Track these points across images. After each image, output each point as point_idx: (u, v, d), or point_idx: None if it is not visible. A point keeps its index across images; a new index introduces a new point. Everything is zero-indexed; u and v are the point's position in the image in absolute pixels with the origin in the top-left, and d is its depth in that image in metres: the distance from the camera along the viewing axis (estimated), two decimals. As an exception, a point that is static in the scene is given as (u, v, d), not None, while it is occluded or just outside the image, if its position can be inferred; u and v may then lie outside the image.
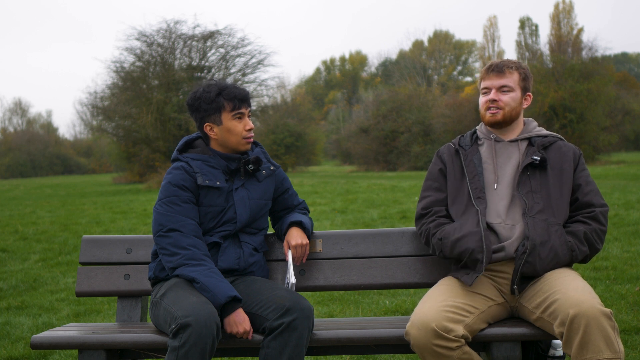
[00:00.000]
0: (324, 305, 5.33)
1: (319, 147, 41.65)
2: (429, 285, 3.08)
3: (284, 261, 3.18)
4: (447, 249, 2.83)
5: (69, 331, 2.89)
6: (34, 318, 5.28)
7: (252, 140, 3.02)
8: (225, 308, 2.70)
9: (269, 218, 3.20)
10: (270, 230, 3.28)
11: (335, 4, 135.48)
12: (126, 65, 29.73)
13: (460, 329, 2.60)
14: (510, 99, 2.95)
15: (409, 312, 4.89)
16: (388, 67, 70.04)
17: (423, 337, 2.58)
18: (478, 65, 63.30)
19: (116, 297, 3.52)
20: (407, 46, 78.68)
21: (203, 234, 2.93)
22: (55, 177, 49.64)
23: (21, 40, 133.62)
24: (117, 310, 3.21)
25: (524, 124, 3.05)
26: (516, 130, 3.01)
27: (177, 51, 29.27)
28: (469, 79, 64.62)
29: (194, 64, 29.46)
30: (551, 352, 2.80)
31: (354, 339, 2.76)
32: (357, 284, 3.17)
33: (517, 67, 2.99)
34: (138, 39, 28.96)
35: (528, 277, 2.78)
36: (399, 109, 36.02)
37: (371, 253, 3.19)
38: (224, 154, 3.00)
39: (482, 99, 3.00)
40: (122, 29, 77.08)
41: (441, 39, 65.97)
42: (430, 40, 66.48)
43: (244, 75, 30.23)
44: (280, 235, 3.17)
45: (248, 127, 2.98)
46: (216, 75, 29.46)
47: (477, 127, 3.10)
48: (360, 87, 68.08)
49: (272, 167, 3.10)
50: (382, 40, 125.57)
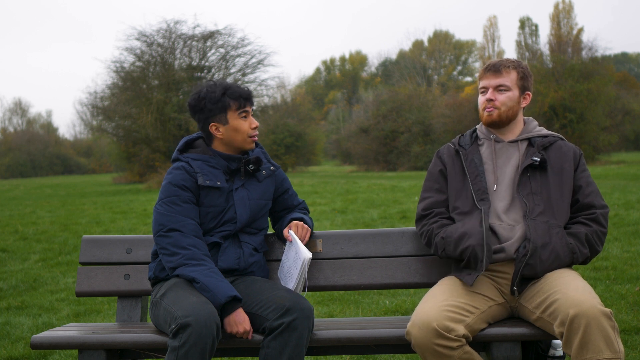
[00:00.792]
0: (324, 305, 5.33)
1: (319, 147, 41.66)
2: (429, 285, 3.08)
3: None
4: (450, 247, 2.83)
5: (69, 331, 2.89)
6: (34, 318, 5.28)
7: (256, 138, 3.03)
8: (225, 308, 2.70)
9: (269, 218, 3.20)
10: (270, 230, 3.28)
11: (335, 4, 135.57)
12: (126, 65, 29.77)
13: (461, 329, 2.60)
14: (507, 99, 2.93)
15: (409, 312, 4.89)
16: (388, 67, 70.04)
17: (424, 337, 2.58)
18: (478, 65, 63.28)
19: (116, 297, 3.52)
20: (407, 46, 78.74)
21: (203, 234, 2.93)
22: (55, 177, 49.64)
23: (21, 40, 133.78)
24: (117, 310, 3.21)
25: (524, 123, 3.03)
26: (516, 131, 3.00)
27: (177, 51, 29.28)
28: (469, 79, 64.64)
29: (194, 64, 29.46)
30: (551, 352, 2.80)
31: (354, 339, 2.76)
32: (357, 284, 3.17)
33: (514, 66, 2.96)
34: (138, 39, 28.99)
35: (528, 278, 2.79)
36: (399, 109, 36.02)
37: (371, 253, 3.19)
38: (224, 154, 3.00)
39: (480, 99, 3.00)
40: (122, 29, 77.18)
41: (441, 39, 65.98)
42: (430, 40, 66.51)
43: (244, 75, 30.24)
44: (280, 233, 3.16)
45: (253, 126, 2.99)
46: (216, 75, 29.46)
47: (477, 127, 3.09)
48: (360, 87, 68.07)
49: (272, 168, 3.11)
50: (382, 40, 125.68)
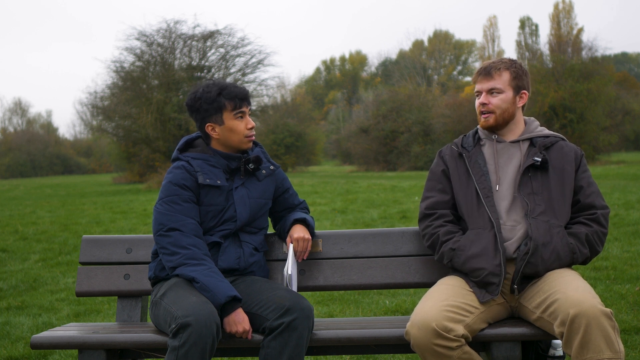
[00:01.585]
0: (324, 305, 5.33)
1: (319, 147, 41.65)
2: (429, 285, 3.08)
3: (284, 261, 3.18)
4: (459, 260, 2.82)
5: (69, 331, 2.89)
6: (34, 318, 5.28)
7: (253, 138, 3.03)
8: (225, 308, 2.70)
9: (269, 218, 3.20)
10: (271, 230, 3.28)
11: (335, 4, 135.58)
12: (126, 65, 29.77)
13: (460, 329, 2.60)
14: (501, 101, 2.92)
15: (409, 312, 4.89)
16: (388, 67, 70.03)
17: (423, 337, 2.58)
18: (478, 65, 63.24)
19: (116, 297, 3.52)
20: (407, 46, 78.69)
21: (203, 233, 2.93)
22: (55, 177, 49.64)
23: (21, 40, 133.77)
24: (117, 310, 3.21)
25: (525, 123, 3.02)
26: (517, 131, 2.99)
27: (177, 51, 29.28)
28: (469, 79, 64.49)
29: (194, 63, 29.46)
30: (551, 352, 2.80)
31: (354, 339, 2.76)
32: (357, 284, 3.17)
33: (506, 66, 2.94)
34: (138, 39, 29.00)
35: (528, 277, 2.78)
36: (399, 109, 36.01)
37: (371, 253, 3.19)
38: (224, 153, 3.00)
39: (476, 102, 3.00)
40: (122, 29, 77.14)
41: (441, 39, 65.96)
42: (430, 40, 66.49)
43: (244, 75, 30.24)
44: (283, 234, 3.16)
45: (250, 126, 2.98)
46: (216, 75, 29.46)
47: (479, 126, 3.08)
48: (360, 87, 68.06)
49: (272, 167, 3.11)
50: (382, 40, 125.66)
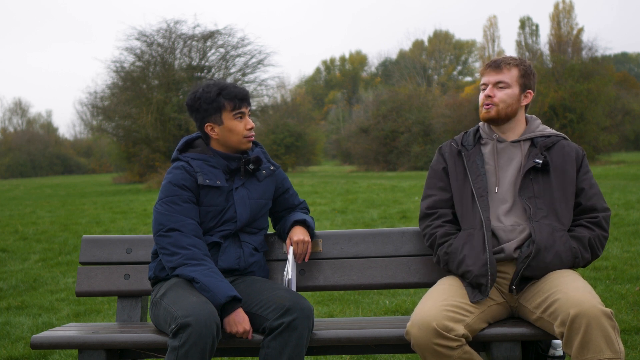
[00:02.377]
0: (324, 305, 5.33)
1: (319, 147, 41.64)
2: (429, 285, 3.08)
3: (284, 261, 3.18)
4: (453, 264, 2.82)
5: (69, 331, 2.89)
6: (34, 318, 5.28)
7: (252, 139, 3.02)
8: (225, 308, 2.70)
9: (269, 218, 3.20)
10: (271, 230, 3.28)
11: (335, 4, 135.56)
12: (126, 65, 29.77)
13: (460, 329, 2.60)
14: (506, 95, 2.90)
15: (409, 312, 4.89)
16: (388, 67, 70.02)
17: (424, 337, 2.58)
18: (478, 65, 63.27)
19: (116, 297, 3.52)
20: (407, 46, 78.70)
21: (203, 233, 2.93)
22: (55, 177, 49.63)
23: (21, 40, 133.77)
24: (117, 310, 3.21)
25: (527, 122, 3.00)
26: (518, 130, 2.97)
27: (177, 51, 29.28)
28: (469, 79, 64.63)
29: (194, 63, 29.46)
30: (551, 352, 2.80)
31: (354, 339, 2.75)
32: (357, 284, 3.17)
33: (516, 63, 2.93)
34: (138, 39, 29.00)
35: (527, 278, 2.78)
36: (399, 109, 36.00)
37: (371, 253, 3.19)
38: (224, 153, 3.00)
39: (480, 95, 2.98)
40: (122, 29, 77.13)
41: (441, 39, 65.95)
42: (430, 40, 66.47)
43: (244, 75, 30.24)
44: (283, 234, 3.16)
45: (249, 126, 2.98)
46: (216, 75, 29.46)
47: (480, 125, 3.06)
48: (360, 87, 68.04)
49: (272, 167, 3.10)
50: (382, 40, 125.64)
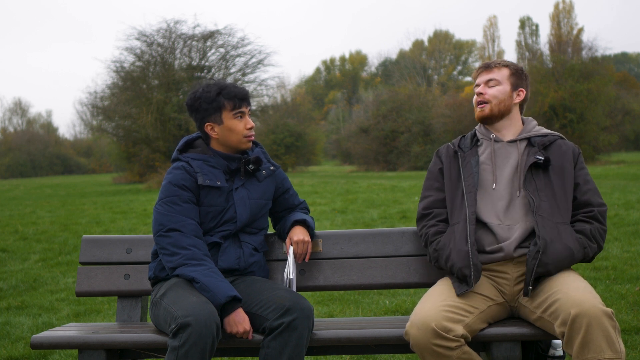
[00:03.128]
0: (324, 305, 5.33)
1: (319, 147, 41.66)
2: (429, 285, 3.08)
3: (284, 261, 3.18)
4: (442, 261, 2.86)
5: (69, 331, 2.89)
6: (34, 318, 5.28)
7: (252, 138, 3.03)
8: (225, 308, 2.70)
9: (269, 218, 3.20)
10: (271, 230, 3.28)
11: (335, 4, 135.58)
12: (126, 65, 29.78)
13: (459, 329, 2.60)
14: (497, 92, 2.96)
15: (409, 312, 4.89)
16: (388, 67, 70.04)
17: (423, 337, 2.58)
18: (478, 66, 63.25)
19: (116, 297, 3.52)
20: (407, 46, 78.72)
21: (203, 233, 2.93)
22: (55, 177, 49.63)
23: (21, 40, 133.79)
24: (117, 310, 3.21)
25: (523, 123, 3.04)
26: (514, 130, 2.99)
27: (177, 51, 29.29)
28: (469, 79, 64.54)
29: (194, 63, 29.47)
30: (551, 352, 2.80)
31: (354, 339, 2.76)
32: (357, 284, 3.17)
33: (506, 64, 3.03)
34: (138, 39, 29.01)
35: (540, 276, 2.76)
36: (399, 109, 36.02)
37: (371, 253, 3.19)
38: (224, 153, 3.00)
39: (474, 97, 3.06)
40: (122, 29, 77.15)
41: (441, 38, 65.97)
42: (430, 40, 66.50)
43: (244, 75, 30.25)
44: (283, 234, 3.17)
45: (249, 126, 2.98)
46: (216, 75, 29.46)
47: (477, 127, 3.09)
48: (360, 87, 68.07)
49: (272, 167, 3.10)
50: (382, 40, 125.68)
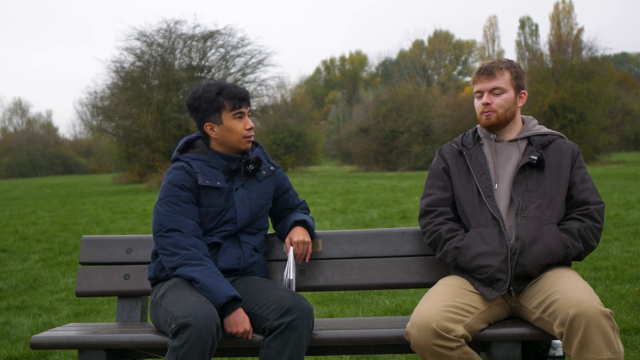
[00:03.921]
0: (324, 305, 5.33)
1: (319, 147, 41.65)
2: (429, 285, 3.08)
3: (284, 261, 3.18)
4: (464, 259, 2.81)
5: (69, 331, 2.89)
6: (34, 318, 5.28)
7: (252, 139, 3.03)
8: (225, 308, 2.71)
9: (269, 218, 3.20)
10: (271, 230, 3.28)
11: (335, 4, 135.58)
12: (126, 65, 29.77)
13: (460, 329, 2.60)
14: (503, 101, 2.94)
15: (409, 312, 4.89)
16: (388, 67, 70.02)
17: (423, 337, 2.58)
18: (478, 65, 63.24)
19: (116, 297, 3.52)
20: (407, 46, 78.71)
21: (203, 234, 2.93)
22: (55, 177, 49.63)
23: (21, 40, 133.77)
24: (117, 310, 3.21)
25: (523, 122, 3.04)
26: (515, 130, 3.00)
27: (177, 51, 29.28)
28: (469, 79, 64.48)
29: (194, 64, 29.46)
30: (551, 352, 2.80)
31: (354, 339, 2.76)
32: (357, 284, 3.17)
33: (507, 66, 2.97)
34: (138, 39, 29.01)
35: (525, 278, 2.78)
36: (399, 109, 36.02)
37: (371, 253, 3.19)
38: (224, 154, 3.00)
39: (477, 103, 3.00)
40: (122, 29, 77.11)
41: (441, 39, 65.96)
42: (430, 40, 66.48)
43: (244, 75, 30.25)
44: (283, 235, 3.17)
45: (248, 126, 2.98)
46: (216, 75, 29.46)
47: (478, 126, 3.09)
48: (360, 87, 68.05)
49: (272, 168, 3.11)
50: (382, 40, 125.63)
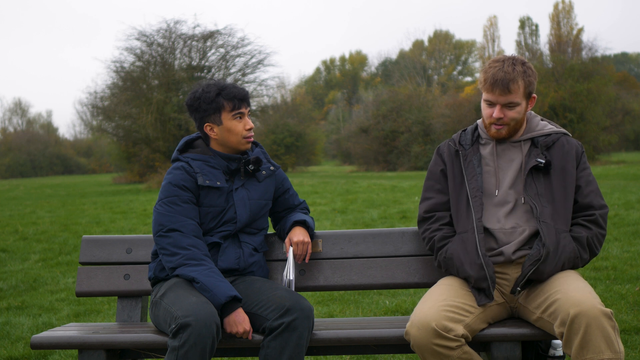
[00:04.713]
0: (324, 305, 5.33)
1: (319, 147, 41.62)
2: (429, 285, 3.08)
3: (284, 261, 3.18)
4: (453, 270, 2.84)
5: (69, 331, 2.89)
6: (34, 318, 5.28)
7: (252, 139, 3.02)
8: (225, 308, 2.71)
9: (269, 218, 3.20)
10: (271, 230, 3.28)
11: (335, 4, 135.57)
12: (126, 65, 29.74)
13: (460, 329, 2.60)
14: (516, 114, 2.84)
15: (409, 312, 4.89)
16: (388, 67, 70.00)
17: (423, 337, 2.58)
18: (478, 65, 63.27)
19: (116, 297, 3.53)
20: (407, 46, 78.70)
21: (203, 234, 2.93)
22: (55, 177, 49.58)
23: (21, 41, 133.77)
24: (117, 310, 3.21)
25: (527, 121, 2.96)
26: (519, 130, 2.94)
27: (177, 51, 29.26)
28: (469, 79, 64.60)
29: (194, 64, 29.45)
30: (551, 352, 2.80)
31: (354, 339, 2.76)
32: (357, 284, 3.17)
33: (521, 76, 2.80)
34: (138, 39, 28.96)
35: (531, 280, 2.77)
36: (399, 109, 35.99)
37: (371, 253, 3.19)
38: (224, 154, 3.00)
39: (486, 111, 2.88)
40: (122, 29, 77.14)
41: (441, 38, 65.92)
42: (430, 40, 66.44)
43: (244, 75, 30.23)
44: (282, 235, 3.17)
45: (248, 127, 2.98)
46: (216, 75, 29.46)
47: (479, 123, 3.01)
48: (360, 87, 68.01)
49: (272, 168, 3.11)
50: (382, 40, 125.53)
